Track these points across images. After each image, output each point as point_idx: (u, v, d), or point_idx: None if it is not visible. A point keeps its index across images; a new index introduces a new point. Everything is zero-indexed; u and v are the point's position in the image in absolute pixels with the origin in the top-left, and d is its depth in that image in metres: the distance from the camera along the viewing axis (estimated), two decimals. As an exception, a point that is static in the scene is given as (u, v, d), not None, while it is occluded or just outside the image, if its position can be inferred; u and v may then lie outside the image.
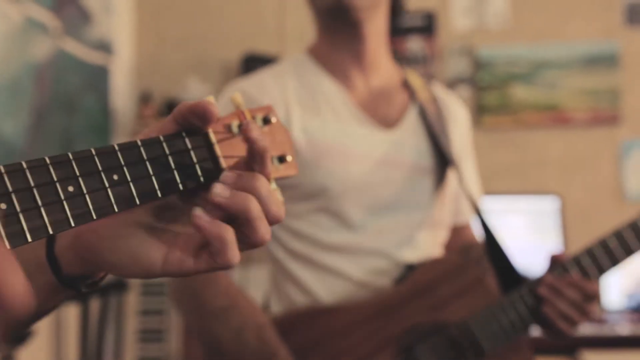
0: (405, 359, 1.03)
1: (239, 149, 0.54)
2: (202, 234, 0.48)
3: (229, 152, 0.54)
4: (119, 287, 2.37)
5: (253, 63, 2.93)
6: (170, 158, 0.49)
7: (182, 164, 0.50)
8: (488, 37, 2.98)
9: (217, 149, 0.53)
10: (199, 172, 0.51)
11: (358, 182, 1.06)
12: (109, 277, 0.57)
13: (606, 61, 2.94)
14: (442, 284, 1.07)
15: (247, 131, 0.50)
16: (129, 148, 0.47)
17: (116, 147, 0.47)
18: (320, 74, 1.10)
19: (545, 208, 2.82)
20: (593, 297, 1.04)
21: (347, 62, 1.11)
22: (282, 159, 0.60)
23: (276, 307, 1.13)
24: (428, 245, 1.12)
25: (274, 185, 0.56)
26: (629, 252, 1.09)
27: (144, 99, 2.91)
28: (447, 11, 2.98)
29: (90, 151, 0.45)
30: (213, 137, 0.53)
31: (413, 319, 1.05)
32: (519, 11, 2.97)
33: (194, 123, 0.51)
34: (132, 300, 2.74)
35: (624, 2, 2.96)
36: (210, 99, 0.51)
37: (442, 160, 1.14)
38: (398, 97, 1.15)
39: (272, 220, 0.51)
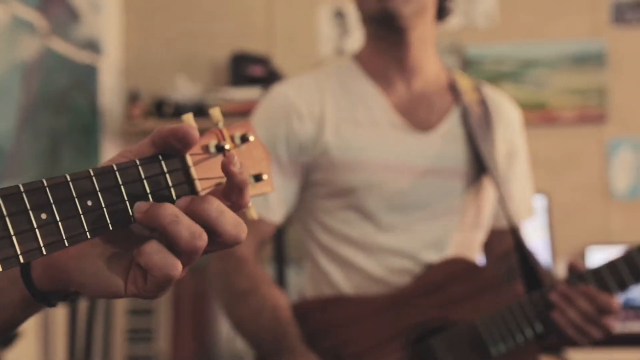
0: (412, 352, 1.05)
1: (216, 170, 0.55)
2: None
3: (205, 174, 0.54)
4: (108, 287, 2.37)
5: (242, 62, 2.94)
6: (145, 182, 0.50)
7: (157, 188, 0.50)
8: (476, 36, 2.99)
9: (193, 172, 0.53)
10: (174, 196, 0.51)
11: (385, 183, 1.09)
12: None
13: (593, 60, 2.96)
14: (455, 283, 1.10)
15: (226, 165, 0.51)
16: (104, 173, 0.48)
17: (91, 172, 0.47)
18: (361, 78, 1.14)
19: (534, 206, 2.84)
20: (607, 310, 1.02)
21: (390, 67, 1.13)
22: (258, 178, 0.60)
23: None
24: (459, 248, 1.14)
25: (250, 203, 0.56)
26: None
27: (132, 98, 2.90)
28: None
29: (65, 177, 0.46)
30: (190, 160, 0.53)
31: (423, 314, 1.08)
32: (507, 10, 2.98)
33: (173, 147, 0.51)
34: (121, 299, 2.74)
35: (610, 1, 2.98)
36: (190, 120, 0.52)
37: (479, 165, 1.14)
38: (441, 100, 1.17)
39: (229, 241, 0.51)
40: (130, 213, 0.48)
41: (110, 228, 0.47)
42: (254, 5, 3.15)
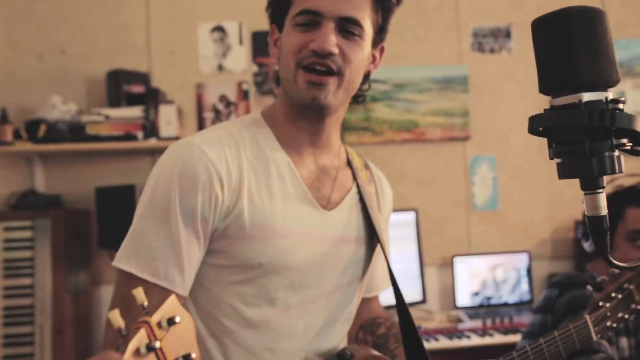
0: None
1: None
2: None
3: None
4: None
5: (119, 79, 2.86)
6: None
7: None
8: (352, 58, 3.13)
9: None
10: None
11: (290, 258, 1.07)
12: None
13: (458, 84, 3.22)
14: None
15: None
16: None
17: None
18: (276, 147, 1.11)
19: (405, 220, 3.05)
20: None
21: (304, 141, 1.13)
22: (187, 358, 0.60)
23: None
24: (346, 322, 1.19)
25: None
26: None
27: (1, 118, 2.72)
28: (314, 30, 3.08)
29: None
30: None
31: None
32: (381, 35, 3.14)
33: None
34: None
35: (471, 31, 3.25)
36: (140, 294, 0.54)
37: (373, 237, 1.20)
38: (344, 176, 1.20)
39: None
40: None
41: None
42: (131, 20, 3.07)
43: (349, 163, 1.23)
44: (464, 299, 3.09)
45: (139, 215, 1.02)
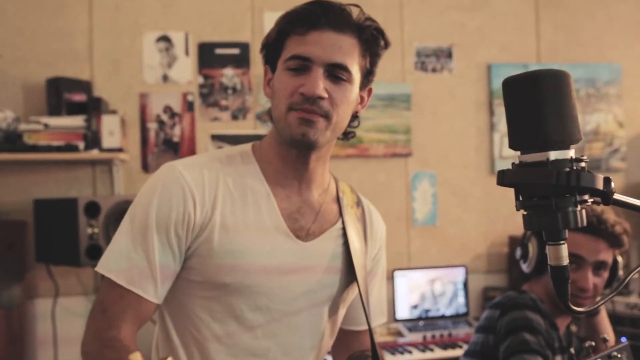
0: None
1: None
2: None
3: None
4: None
5: (59, 87, 2.78)
6: None
7: None
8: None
9: None
10: None
11: (260, 285, 1.12)
12: None
13: (401, 102, 3.30)
14: None
15: None
16: None
17: None
18: (258, 178, 1.16)
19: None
20: None
21: (289, 175, 1.17)
22: None
23: None
24: (311, 357, 1.21)
25: None
26: None
27: None
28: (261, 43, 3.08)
29: None
30: None
31: None
32: (327, 51, 3.18)
33: None
34: None
35: (415, 50, 3.34)
36: (138, 358, 0.54)
37: (351, 272, 1.22)
38: (329, 211, 1.22)
39: None
40: None
41: None
42: (73, 26, 2.98)
43: (338, 199, 1.26)
44: (403, 311, 3.16)
45: (123, 227, 1.11)
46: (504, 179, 0.79)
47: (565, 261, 0.79)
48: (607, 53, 3.59)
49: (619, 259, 1.82)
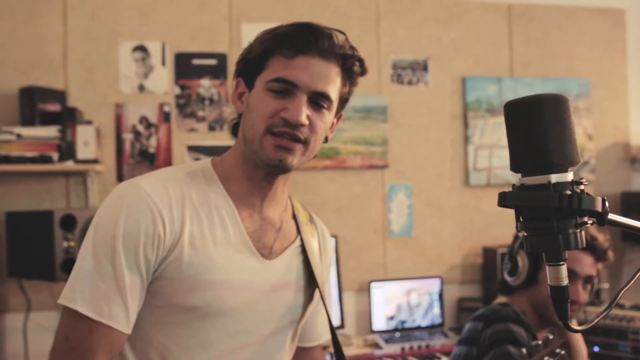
0: None
1: None
2: None
3: None
4: None
5: (33, 96, 2.72)
6: None
7: None
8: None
9: None
10: None
11: (225, 305, 1.09)
12: None
13: (378, 114, 3.32)
14: None
15: None
16: None
17: None
18: (223, 197, 1.14)
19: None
20: None
21: (254, 194, 1.17)
22: None
23: None
24: None
25: None
26: None
27: None
28: (238, 54, 3.07)
29: None
30: None
31: None
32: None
33: None
34: None
35: (391, 63, 3.37)
36: None
37: (312, 288, 1.24)
38: (288, 229, 1.23)
39: None
40: None
41: None
42: (46, 34, 2.92)
43: (294, 216, 1.27)
44: (380, 323, 3.17)
45: (85, 253, 1.04)
46: (505, 200, 0.80)
47: (565, 281, 0.80)
48: (577, 67, 3.68)
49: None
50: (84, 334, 1.01)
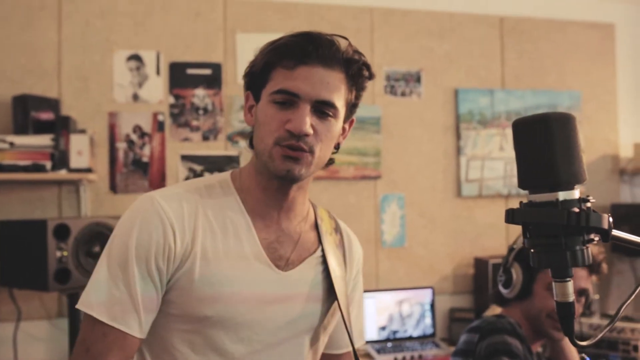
0: None
1: None
2: None
3: None
4: None
5: (26, 104, 2.71)
6: None
7: None
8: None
9: None
10: None
11: (240, 316, 1.11)
12: None
13: (371, 124, 3.34)
14: None
15: None
16: None
17: None
18: (238, 209, 1.16)
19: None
20: None
21: (269, 206, 1.17)
22: None
23: None
24: None
25: None
26: None
27: None
28: (233, 64, 3.09)
29: None
30: None
31: None
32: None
33: None
34: None
35: (385, 74, 3.39)
36: None
37: (332, 298, 1.23)
38: (307, 239, 1.23)
39: None
40: None
41: None
42: (40, 42, 2.91)
43: (317, 226, 1.27)
44: (371, 333, 3.17)
45: (103, 262, 1.09)
46: (514, 218, 0.81)
47: (572, 297, 0.81)
48: (568, 80, 3.72)
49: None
50: (99, 337, 1.05)
